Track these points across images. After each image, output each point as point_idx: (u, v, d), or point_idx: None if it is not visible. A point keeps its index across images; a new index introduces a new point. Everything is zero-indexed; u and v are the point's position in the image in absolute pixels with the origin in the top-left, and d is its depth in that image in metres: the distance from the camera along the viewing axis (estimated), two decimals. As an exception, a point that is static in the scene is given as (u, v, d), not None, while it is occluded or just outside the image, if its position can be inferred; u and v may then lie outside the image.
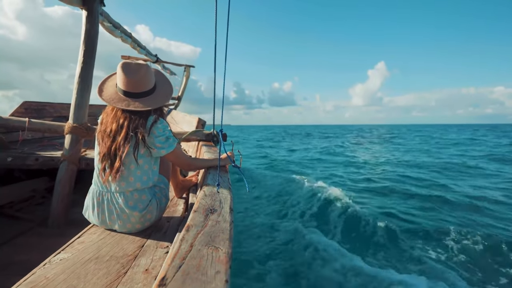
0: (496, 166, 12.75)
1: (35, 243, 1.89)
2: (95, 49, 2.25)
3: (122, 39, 3.44)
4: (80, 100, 2.21)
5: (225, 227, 0.77)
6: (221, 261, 0.60)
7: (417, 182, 9.58)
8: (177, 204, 1.79)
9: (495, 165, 13.22)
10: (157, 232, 1.37)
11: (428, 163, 13.75)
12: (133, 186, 1.29)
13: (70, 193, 2.21)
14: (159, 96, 1.39)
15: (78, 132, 2.20)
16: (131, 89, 1.31)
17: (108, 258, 1.09)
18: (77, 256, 1.08)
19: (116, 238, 1.27)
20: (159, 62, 5.01)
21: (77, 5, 2.14)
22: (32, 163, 2.50)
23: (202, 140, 2.48)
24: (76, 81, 2.20)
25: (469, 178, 10.34)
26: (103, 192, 1.30)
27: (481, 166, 12.49)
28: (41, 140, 3.73)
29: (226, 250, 0.65)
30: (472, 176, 10.72)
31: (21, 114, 4.14)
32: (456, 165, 12.81)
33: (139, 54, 4.40)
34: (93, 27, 2.21)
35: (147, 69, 1.34)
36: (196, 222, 0.79)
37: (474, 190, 8.37)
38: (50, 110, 4.78)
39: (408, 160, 14.74)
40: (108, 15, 2.73)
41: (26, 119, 2.32)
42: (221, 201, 1.00)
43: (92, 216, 1.34)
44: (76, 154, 2.25)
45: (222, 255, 0.63)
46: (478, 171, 11.64)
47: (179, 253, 0.62)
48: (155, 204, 1.36)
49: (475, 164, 13.07)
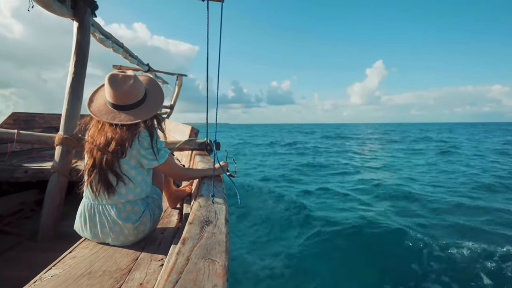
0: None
1: (24, 259, 1.84)
2: (86, 59, 2.24)
3: (113, 49, 3.43)
4: (70, 111, 2.18)
5: (221, 239, 0.77)
6: (218, 274, 0.60)
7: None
8: (171, 214, 1.77)
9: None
10: (151, 244, 1.35)
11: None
12: (125, 198, 1.27)
13: (60, 205, 2.16)
14: (148, 107, 1.36)
15: (69, 143, 2.17)
16: (118, 101, 1.29)
17: (101, 273, 1.07)
18: (69, 272, 1.06)
19: (109, 252, 1.25)
20: (151, 71, 5.00)
21: (68, 16, 2.13)
22: (21, 176, 2.44)
23: (195, 149, 2.47)
24: (67, 92, 2.18)
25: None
26: (94, 205, 1.28)
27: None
28: (30, 151, 3.66)
29: (223, 263, 0.65)
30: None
31: (9, 126, 4.05)
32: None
33: (131, 64, 4.39)
34: (84, 38, 2.20)
35: (135, 80, 1.31)
36: (192, 234, 0.79)
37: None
38: (40, 121, 4.70)
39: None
40: (99, 26, 2.73)
41: (15, 131, 2.27)
42: (216, 212, 1.00)
43: (84, 230, 1.31)
44: (67, 165, 2.21)
45: (219, 268, 0.62)
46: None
47: (175, 267, 0.61)
48: (148, 216, 1.34)
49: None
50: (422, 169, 12.79)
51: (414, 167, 13.40)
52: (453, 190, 8.72)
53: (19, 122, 4.30)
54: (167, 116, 5.96)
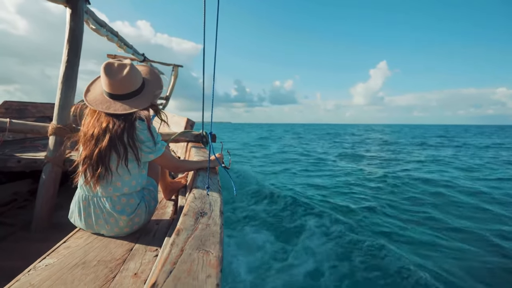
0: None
1: (18, 248, 1.83)
2: (80, 48, 2.20)
3: (108, 38, 3.37)
4: (64, 101, 2.15)
5: (215, 231, 0.78)
6: (212, 265, 0.60)
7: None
8: (166, 206, 1.77)
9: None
10: (145, 235, 1.35)
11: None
12: (121, 191, 1.26)
13: (54, 195, 2.15)
14: (144, 97, 1.33)
15: (63, 133, 2.14)
16: (114, 91, 1.27)
17: (95, 262, 1.07)
18: (63, 262, 1.06)
19: (103, 242, 1.25)
20: (146, 61, 4.93)
21: (61, 3, 2.08)
22: (14, 165, 2.41)
23: (191, 141, 2.46)
24: (60, 81, 2.14)
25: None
26: (89, 196, 1.27)
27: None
28: (23, 141, 3.61)
29: (217, 254, 0.65)
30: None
31: (1, 115, 3.99)
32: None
33: (126, 53, 4.32)
34: (77, 25, 2.15)
35: (131, 69, 1.28)
36: (186, 225, 0.79)
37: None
38: (33, 110, 4.62)
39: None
40: (93, 13, 2.67)
41: (7, 120, 2.24)
42: (211, 203, 1.00)
43: (79, 220, 1.31)
44: (61, 156, 2.19)
45: (213, 259, 0.63)
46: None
47: (169, 257, 0.62)
48: (143, 207, 1.34)
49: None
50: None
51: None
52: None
53: (11, 111, 4.23)
54: (162, 107, 5.92)
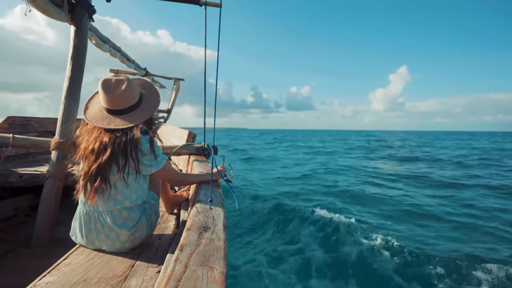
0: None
1: (18, 265, 1.80)
2: (84, 64, 2.23)
3: (110, 53, 3.43)
4: (67, 115, 2.16)
5: (219, 246, 0.76)
6: (217, 281, 0.59)
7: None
8: (168, 220, 1.75)
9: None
10: (147, 250, 1.33)
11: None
12: (121, 205, 1.25)
13: (55, 211, 2.13)
14: (143, 111, 1.35)
15: (65, 148, 2.15)
16: (113, 106, 1.29)
17: (96, 280, 1.05)
18: (64, 279, 1.04)
19: (104, 259, 1.23)
20: (148, 76, 5.00)
21: (66, 21, 2.13)
22: (15, 181, 2.41)
23: (193, 154, 2.46)
24: (64, 96, 2.17)
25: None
26: (90, 211, 1.26)
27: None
28: (26, 156, 3.62)
29: (221, 270, 0.64)
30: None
31: (4, 130, 4.01)
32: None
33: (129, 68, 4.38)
34: (81, 42, 2.20)
35: (128, 84, 1.30)
36: (190, 241, 0.78)
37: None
38: (35, 125, 4.65)
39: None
40: (97, 30, 2.73)
41: (10, 135, 2.25)
42: (214, 218, 0.99)
43: (80, 237, 1.29)
44: (63, 170, 2.18)
45: (217, 275, 0.61)
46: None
47: (173, 274, 0.60)
48: (145, 221, 1.32)
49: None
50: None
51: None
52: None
53: (15, 126, 4.25)
54: (164, 120, 5.95)
